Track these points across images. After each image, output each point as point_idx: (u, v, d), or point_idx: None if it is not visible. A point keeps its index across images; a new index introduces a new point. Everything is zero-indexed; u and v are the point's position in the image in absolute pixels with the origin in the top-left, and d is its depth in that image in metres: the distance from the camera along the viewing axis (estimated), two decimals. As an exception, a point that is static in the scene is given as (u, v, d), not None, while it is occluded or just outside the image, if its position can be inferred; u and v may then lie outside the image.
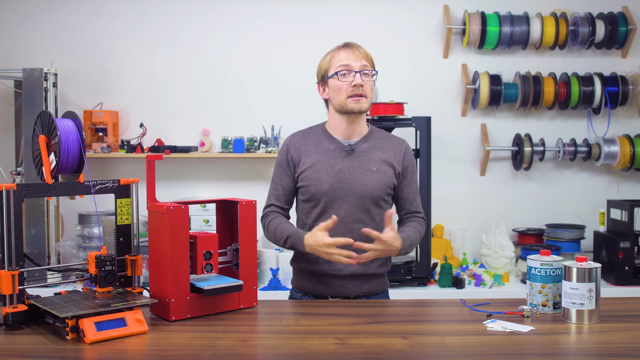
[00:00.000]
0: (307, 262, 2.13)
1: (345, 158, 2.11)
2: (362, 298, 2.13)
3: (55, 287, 2.22)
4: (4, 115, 3.75)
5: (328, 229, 1.96)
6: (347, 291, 2.11)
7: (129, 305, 1.66)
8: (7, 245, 1.65)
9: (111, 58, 3.82)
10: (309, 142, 2.15)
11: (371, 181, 2.08)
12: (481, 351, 1.52)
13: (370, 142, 2.15)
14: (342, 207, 2.07)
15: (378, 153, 2.13)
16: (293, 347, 1.54)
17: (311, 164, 2.11)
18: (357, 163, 2.10)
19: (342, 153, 2.11)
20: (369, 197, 2.08)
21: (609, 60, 3.84)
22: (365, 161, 2.11)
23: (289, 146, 2.16)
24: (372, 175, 2.09)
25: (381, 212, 2.09)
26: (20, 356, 1.49)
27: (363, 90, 2.06)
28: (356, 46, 2.11)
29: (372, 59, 2.14)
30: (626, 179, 3.90)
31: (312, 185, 2.09)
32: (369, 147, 2.13)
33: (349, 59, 2.07)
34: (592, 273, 1.74)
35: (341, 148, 2.12)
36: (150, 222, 1.81)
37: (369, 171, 2.09)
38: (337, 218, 1.97)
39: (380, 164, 2.11)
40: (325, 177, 2.08)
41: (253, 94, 3.83)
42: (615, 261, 3.28)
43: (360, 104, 2.07)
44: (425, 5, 3.82)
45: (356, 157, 2.11)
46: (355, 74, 2.06)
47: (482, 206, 3.85)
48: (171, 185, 3.79)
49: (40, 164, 1.77)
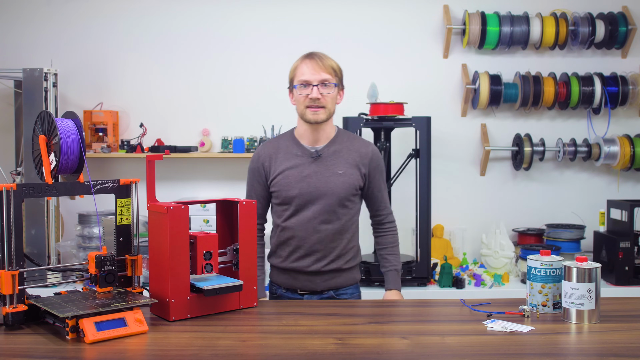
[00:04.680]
0: (279, 259, 2.28)
1: (313, 163, 2.23)
2: (329, 292, 2.27)
3: (55, 287, 2.22)
4: (4, 115, 3.75)
5: None
6: (315, 286, 2.25)
7: (129, 305, 1.66)
8: (7, 245, 1.65)
9: (111, 58, 3.82)
10: (279, 150, 2.28)
11: (337, 184, 2.20)
12: (481, 351, 1.52)
13: (336, 145, 2.26)
14: (310, 209, 2.20)
15: (344, 156, 2.25)
16: (293, 347, 1.54)
17: (281, 171, 2.24)
18: (324, 167, 2.23)
19: (309, 159, 2.24)
20: (336, 199, 2.20)
21: (609, 60, 3.84)
22: (331, 165, 2.23)
23: (260, 155, 2.30)
24: (338, 179, 2.21)
25: (347, 212, 2.24)
26: (20, 356, 1.49)
27: (320, 103, 2.18)
28: (318, 58, 2.21)
29: (336, 68, 2.23)
30: (626, 179, 3.90)
31: (283, 190, 2.22)
32: (335, 151, 2.25)
33: (308, 73, 2.18)
34: (592, 273, 1.74)
35: (308, 154, 2.25)
36: (150, 222, 1.81)
37: (335, 175, 2.21)
38: None
39: (346, 167, 2.23)
40: (294, 183, 2.21)
41: (253, 94, 3.83)
42: (615, 261, 3.28)
43: (317, 115, 2.19)
44: (425, 5, 3.82)
45: (323, 161, 2.24)
46: (312, 88, 2.17)
47: (482, 206, 3.85)
48: (171, 185, 3.79)
49: (40, 164, 1.77)
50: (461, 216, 3.84)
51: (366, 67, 3.79)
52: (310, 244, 2.21)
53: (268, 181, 2.27)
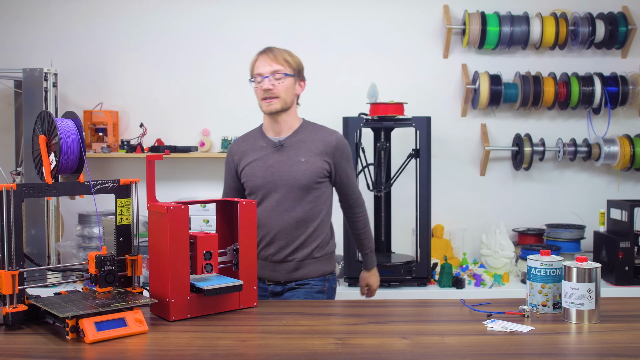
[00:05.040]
0: None
1: (276, 153, 2.31)
2: (292, 284, 2.31)
3: (55, 287, 2.21)
4: (4, 115, 3.75)
5: None
6: (279, 276, 2.31)
7: (129, 305, 1.66)
8: (7, 245, 1.65)
9: (111, 58, 3.82)
10: (247, 143, 2.39)
11: (299, 172, 2.26)
12: (481, 351, 1.52)
13: (300, 135, 2.33)
14: (274, 197, 2.28)
15: (308, 145, 2.31)
16: (293, 347, 1.54)
17: (248, 162, 2.35)
18: (286, 157, 2.30)
19: (272, 149, 2.32)
20: (298, 187, 2.26)
21: (609, 60, 3.84)
22: (294, 154, 2.29)
23: (231, 150, 2.43)
24: (300, 167, 2.27)
25: (312, 200, 2.29)
26: (20, 356, 1.49)
27: (272, 93, 2.27)
28: (270, 51, 2.33)
29: (291, 60, 2.33)
30: (626, 179, 3.90)
31: (249, 180, 2.33)
32: (299, 141, 2.32)
33: (260, 67, 2.30)
34: (592, 273, 1.74)
35: (272, 145, 2.33)
36: (150, 222, 1.81)
37: (298, 163, 2.28)
38: None
39: (309, 155, 2.29)
40: (259, 172, 2.31)
41: (253, 94, 3.82)
42: (615, 261, 3.28)
43: (270, 106, 2.28)
44: (425, 5, 3.82)
45: (285, 151, 2.31)
46: (264, 79, 2.27)
47: (482, 206, 3.85)
48: (171, 185, 3.79)
49: (40, 164, 1.77)
50: (461, 216, 3.84)
51: (366, 67, 3.79)
52: (274, 232, 2.27)
53: (238, 173, 2.38)
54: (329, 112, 3.68)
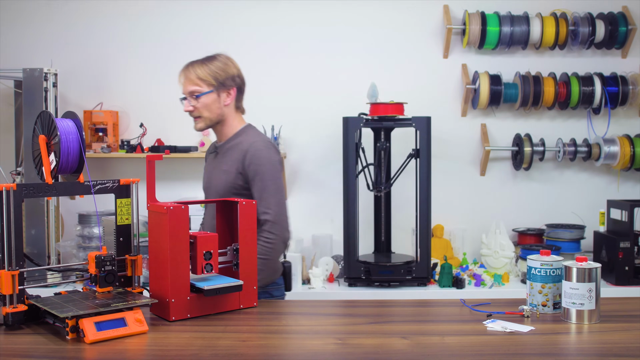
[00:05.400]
0: None
1: (213, 159, 2.37)
2: None
3: (55, 287, 2.22)
4: (4, 115, 3.75)
5: None
6: None
7: (129, 305, 1.66)
8: (7, 245, 1.65)
9: (111, 58, 3.81)
10: (213, 146, 2.44)
11: (220, 181, 2.26)
12: (481, 351, 1.52)
13: (230, 143, 2.31)
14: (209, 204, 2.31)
15: (232, 154, 2.28)
16: (293, 347, 1.54)
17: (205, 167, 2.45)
18: (216, 164, 2.33)
19: (213, 155, 2.38)
20: (218, 195, 2.23)
21: (609, 60, 3.84)
22: (221, 162, 2.30)
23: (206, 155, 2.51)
24: (221, 176, 2.27)
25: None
26: (20, 356, 1.49)
27: (193, 114, 2.30)
28: (185, 70, 2.29)
29: (206, 76, 2.26)
30: (626, 179, 3.90)
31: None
32: (228, 149, 2.31)
33: (182, 86, 2.31)
34: (592, 273, 1.74)
35: (212, 151, 2.41)
36: (150, 222, 1.81)
37: (221, 171, 2.28)
38: None
39: (229, 164, 2.26)
40: (203, 177, 2.41)
41: (253, 94, 3.81)
42: (615, 261, 3.28)
43: (196, 125, 2.32)
44: (425, 5, 3.82)
45: (218, 158, 2.34)
46: (183, 102, 2.31)
47: (482, 206, 3.85)
48: (171, 185, 3.79)
49: (40, 164, 1.77)
50: (461, 216, 3.84)
51: (366, 67, 3.79)
52: None
53: None
54: (329, 112, 3.69)
